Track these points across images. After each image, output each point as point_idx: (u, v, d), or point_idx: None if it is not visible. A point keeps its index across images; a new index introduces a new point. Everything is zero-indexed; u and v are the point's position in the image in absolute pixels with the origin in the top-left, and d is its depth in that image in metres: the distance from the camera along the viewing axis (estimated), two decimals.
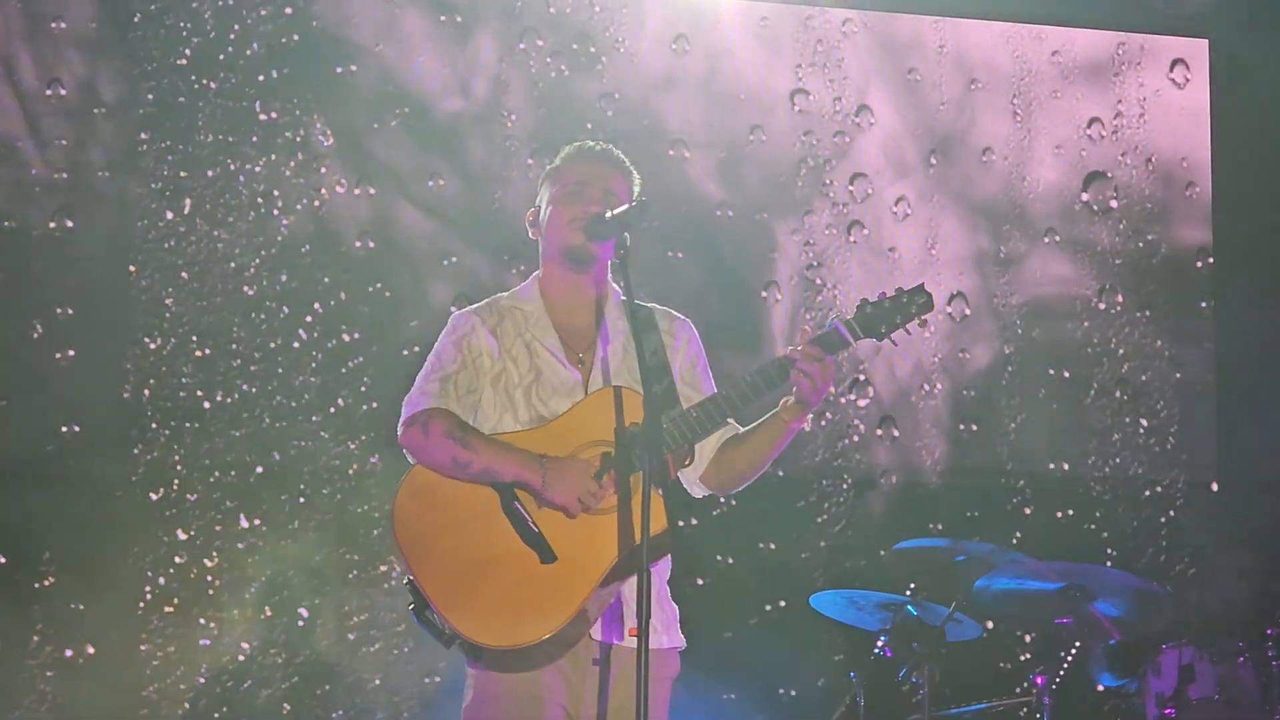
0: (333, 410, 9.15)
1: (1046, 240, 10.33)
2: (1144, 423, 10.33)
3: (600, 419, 5.13)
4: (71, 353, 8.91)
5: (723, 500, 9.35)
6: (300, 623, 9.03)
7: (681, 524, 4.84)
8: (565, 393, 5.28)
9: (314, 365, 9.16)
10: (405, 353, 9.02)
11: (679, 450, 5.18)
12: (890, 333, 5.25)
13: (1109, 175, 10.45)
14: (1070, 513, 10.14)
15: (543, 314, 5.42)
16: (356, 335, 9.22)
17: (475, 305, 5.53)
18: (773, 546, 9.66)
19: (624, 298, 5.23)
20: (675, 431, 5.12)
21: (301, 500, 9.07)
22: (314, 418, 9.13)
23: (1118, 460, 10.25)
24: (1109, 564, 9.95)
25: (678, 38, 9.90)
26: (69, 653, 8.73)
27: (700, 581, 9.40)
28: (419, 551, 5.09)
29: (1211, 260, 10.55)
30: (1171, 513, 10.26)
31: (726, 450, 5.40)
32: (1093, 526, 10.15)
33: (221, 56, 9.23)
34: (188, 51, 9.19)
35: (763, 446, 5.33)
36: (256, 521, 9.02)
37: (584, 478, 5.05)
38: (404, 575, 5.13)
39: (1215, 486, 10.38)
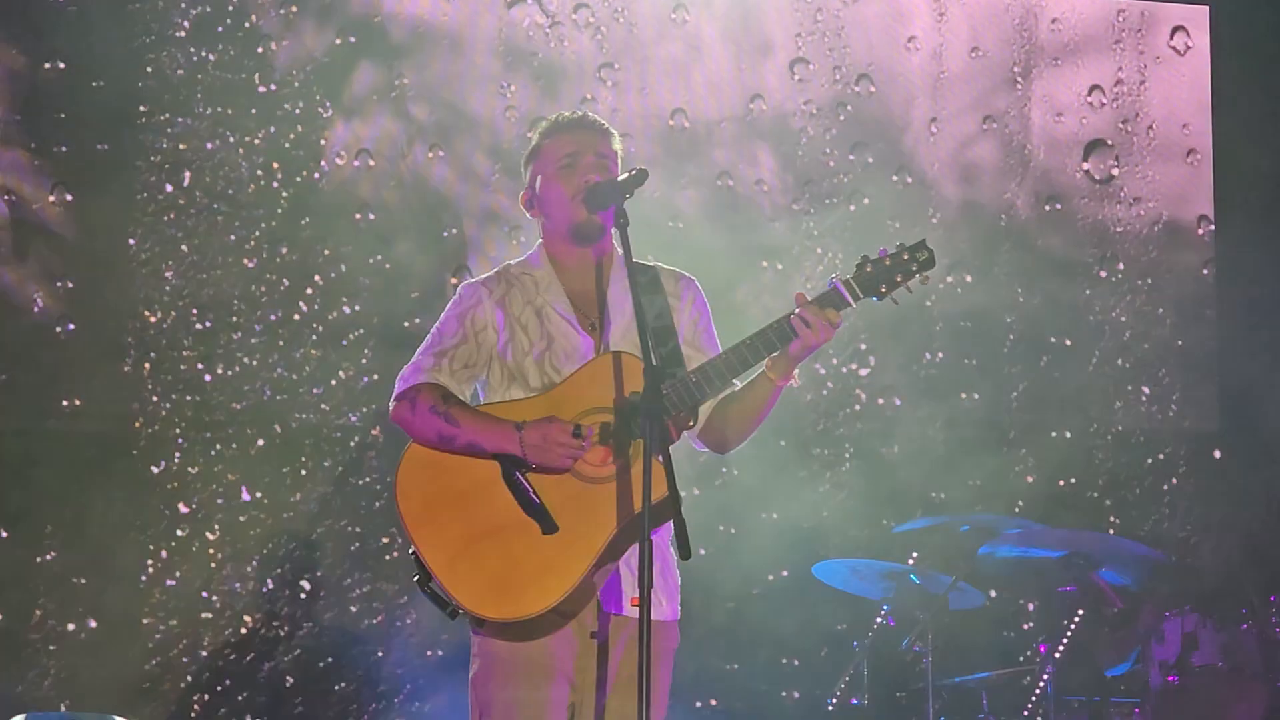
0: (334, 383, 9.14)
1: (1047, 208, 10.33)
2: (1146, 390, 10.34)
3: (600, 386, 5.11)
4: (72, 326, 8.90)
5: (724, 470, 9.36)
6: (302, 595, 9.03)
7: (684, 494, 4.82)
8: (578, 359, 5.26)
9: (315, 338, 9.16)
10: (406, 325, 9.01)
11: (680, 415, 5.17)
12: (891, 291, 5.20)
13: (1110, 143, 10.45)
14: (1073, 480, 10.14)
15: (553, 279, 5.39)
16: (357, 307, 9.21)
17: (484, 275, 5.51)
18: (775, 516, 9.66)
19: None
20: (674, 396, 5.10)
21: (303, 473, 9.08)
22: (315, 390, 9.13)
23: (1120, 428, 10.26)
24: (1112, 532, 9.96)
25: (677, 7, 9.88)
26: (71, 627, 8.74)
27: (703, 551, 9.36)
28: (421, 523, 5.09)
29: (1213, 227, 10.55)
30: (1174, 480, 10.26)
31: (720, 410, 5.39)
32: (1095, 494, 10.17)
33: (220, 29, 9.20)
34: (186, 24, 9.16)
35: (752, 406, 5.32)
36: (258, 494, 9.02)
37: (561, 435, 5.02)
38: (407, 546, 5.13)
39: (1218, 454, 10.39)
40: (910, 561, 8.53)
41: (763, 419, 5.34)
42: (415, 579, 5.12)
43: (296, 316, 9.16)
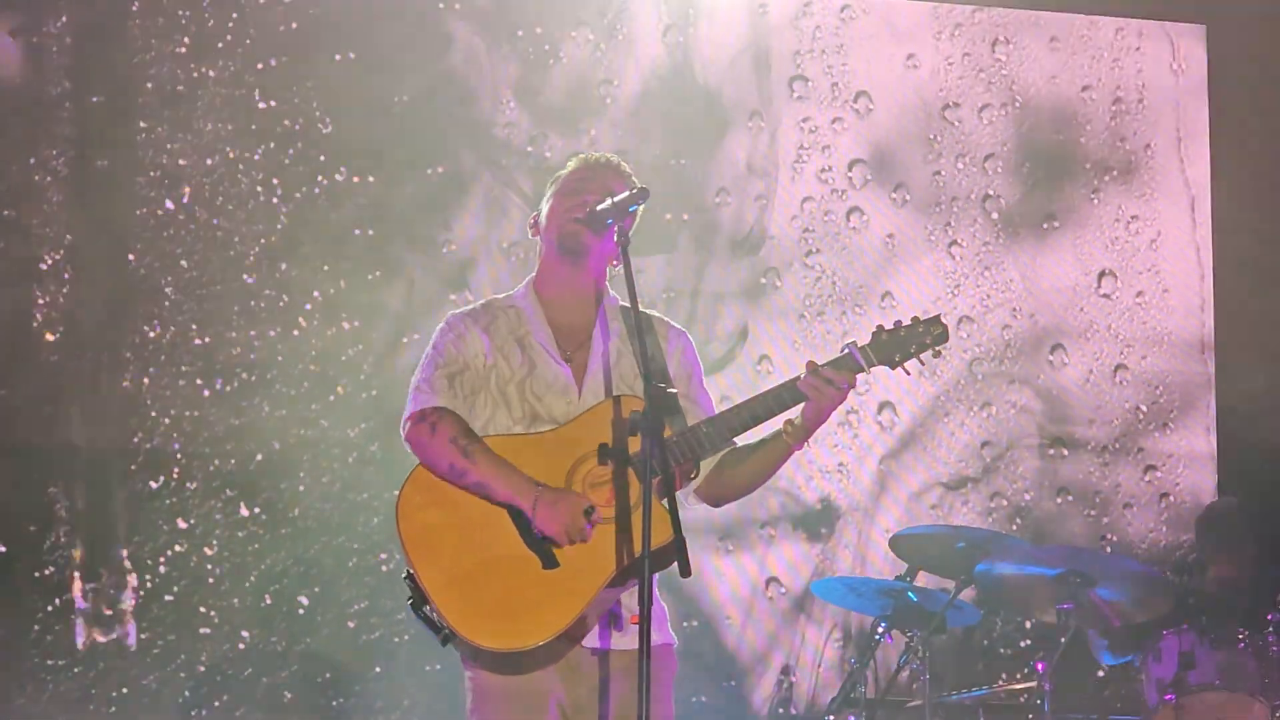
0: (332, 398, 9.14)
1: (1045, 226, 10.34)
2: (1143, 408, 10.34)
3: (606, 427, 5.11)
4: (71, 341, 8.89)
5: None
6: (300, 611, 9.03)
7: (682, 512, 4.82)
8: (559, 389, 5.26)
9: (313, 353, 9.16)
10: (405, 340, 9.02)
11: (686, 465, 5.17)
12: (904, 361, 5.24)
13: (1107, 162, 10.46)
14: (1069, 498, 10.15)
15: (536, 309, 5.40)
16: (356, 323, 9.21)
17: (467, 308, 5.51)
18: (773, 533, 9.67)
19: (622, 304, 5.28)
20: (684, 445, 5.11)
21: (301, 488, 9.07)
22: (314, 406, 9.13)
23: (1117, 445, 10.27)
24: (1108, 549, 9.96)
25: (676, 25, 9.89)
26: (69, 642, 8.73)
27: (700, 568, 9.40)
28: (422, 547, 5.08)
29: (1210, 244, 10.57)
30: (1171, 497, 10.27)
31: (725, 467, 5.38)
32: (1092, 512, 10.17)
33: (220, 45, 9.22)
34: (186, 40, 9.18)
35: (762, 466, 5.32)
36: (256, 510, 9.02)
37: (574, 513, 5.02)
38: (404, 567, 5.12)
39: (1215, 471, 10.40)
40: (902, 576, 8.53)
41: (767, 479, 5.36)
42: (409, 601, 5.12)
43: (295, 332, 9.16)
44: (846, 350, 5.18)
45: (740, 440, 5.33)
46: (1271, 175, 10.52)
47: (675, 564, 4.67)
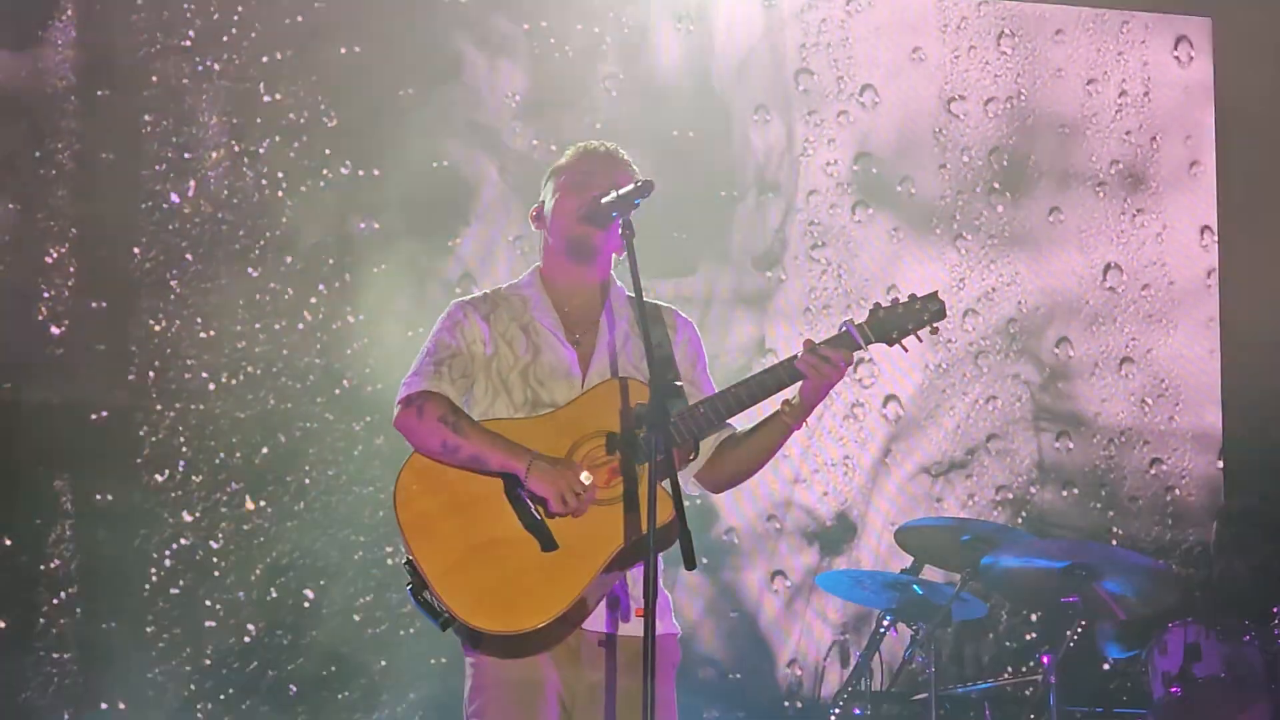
0: (338, 392, 9.14)
1: (1050, 219, 10.33)
2: (1149, 401, 10.34)
3: (605, 409, 5.11)
4: (76, 335, 8.89)
5: None
6: (306, 604, 9.03)
7: (686, 502, 4.82)
8: (562, 374, 5.26)
9: (318, 347, 9.16)
10: (410, 334, 9.00)
11: (685, 445, 5.17)
12: (901, 338, 5.23)
13: (1113, 154, 10.46)
14: (1075, 491, 10.15)
15: (543, 296, 5.40)
16: (361, 317, 9.21)
17: (470, 296, 5.52)
18: (778, 526, 9.67)
19: (629, 294, 5.27)
20: (682, 426, 5.10)
21: (307, 482, 9.07)
22: (319, 399, 9.12)
23: (1122, 438, 10.27)
24: (1114, 542, 9.96)
25: (682, 18, 9.88)
26: (75, 635, 8.73)
27: (705, 560, 9.40)
28: (420, 532, 5.10)
29: (1215, 237, 10.56)
30: (1176, 490, 10.27)
31: (724, 450, 5.38)
32: (1097, 505, 10.17)
33: (225, 38, 9.20)
34: (191, 33, 9.17)
35: (761, 447, 5.32)
36: (262, 503, 9.02)
37: (569, 478, 5.02)
38: (403, 556, 5.14)
39: (1221, 463, 10.40)
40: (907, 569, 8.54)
41: (767, 460, 5.35)
42: (408, 586, 5.13)
43: (300, 326, 9.16)
44: (844, 328, 5.18)
45: (738, 422, 5.34)
46: (1277, 167, 10.51)
47: (678, 550, 4.67)
